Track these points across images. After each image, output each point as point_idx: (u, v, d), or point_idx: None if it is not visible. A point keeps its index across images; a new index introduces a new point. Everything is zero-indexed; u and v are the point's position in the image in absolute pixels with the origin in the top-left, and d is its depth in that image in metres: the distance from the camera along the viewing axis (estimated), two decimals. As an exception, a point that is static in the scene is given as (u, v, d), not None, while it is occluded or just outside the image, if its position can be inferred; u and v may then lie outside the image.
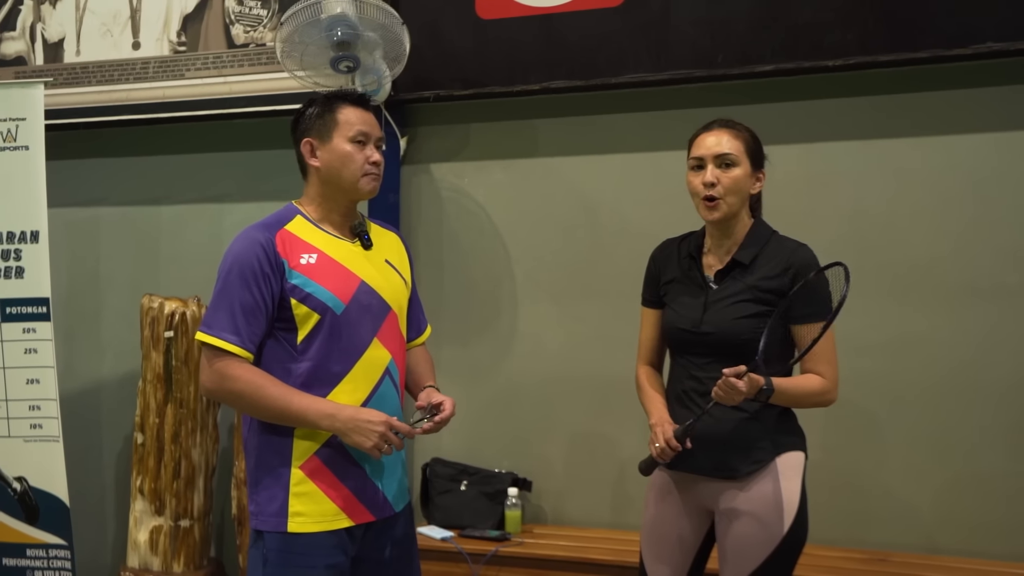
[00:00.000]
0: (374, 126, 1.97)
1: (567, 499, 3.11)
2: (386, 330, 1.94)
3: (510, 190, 3.16)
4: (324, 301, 1.86)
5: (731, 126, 1.98)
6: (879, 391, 2.81)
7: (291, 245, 1.89)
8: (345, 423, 1.82)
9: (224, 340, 1.83)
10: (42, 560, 3.18)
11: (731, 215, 1.96)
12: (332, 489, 1.88)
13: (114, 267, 3.61)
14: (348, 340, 1.88)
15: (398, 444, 1.86)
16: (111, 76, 3.46)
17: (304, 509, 1.87)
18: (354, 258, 1.94)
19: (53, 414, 3.12)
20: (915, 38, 2.66)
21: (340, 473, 1.89)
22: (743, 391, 1.79)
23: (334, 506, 1.88)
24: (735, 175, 1.94)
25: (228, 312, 1.84)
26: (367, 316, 1.91)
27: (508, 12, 3.04)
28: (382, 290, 1.95)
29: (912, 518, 2.78)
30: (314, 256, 1.89)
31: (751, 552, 1.89)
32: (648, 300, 2.13)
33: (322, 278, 1.88)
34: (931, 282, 2.77)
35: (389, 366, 1.94)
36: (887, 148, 2.80)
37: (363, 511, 1.91)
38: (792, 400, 1.91)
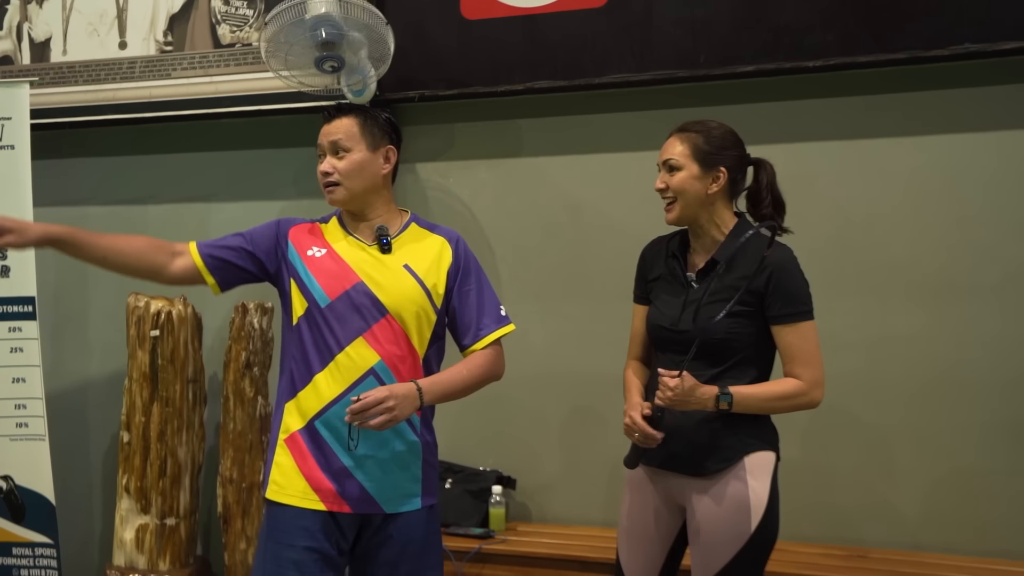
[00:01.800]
0: (329, 134, 2.05)
1: (552, 497, 3.13)
2: (378, 332, 1.97)
3: (495, 189, 3.18)
4: (312, 292, 2.00)
5: (683, 131, 2.00)
6: (860, 389, 2.83)
7: (307, 237, 2.07)
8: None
9: (194, 242, 2.07)
10: (28, 559, 3.19)
11: (689, 218, 1.99)
12: (307, 468, 1.98)
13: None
14: (328, 334, 1.97)
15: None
16: (98, 76, 3.47)
17: (279, 481, 2.00)
18: (364, 259, 2.03)
19: (39, 413, 3.13)
20: (894, 39, 2.69)
21: (317, 456, 1.97)
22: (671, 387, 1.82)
23: (305, 486, 1.96)
24: (679, 178, 1.97)
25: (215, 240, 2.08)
26: (354, 315, 1.97)
27: (492, 12, 3.06)
28: (382, 293, 1.99)
29: (893, 515, 2.81)
30: (323, 251, 2.04)
31: (720, 549, 1.91)
32: (637, 296, 2.16)
33: (318, 272, 2.01)
34: (911, 281, 2.80)
35: (376, 367, 1.96)
36: (867, 148, 2.83)
37: (337, 500, 1.96)
38: (761, 406, 1.92)
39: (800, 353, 1.91)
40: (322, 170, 2.04)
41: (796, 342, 1.91)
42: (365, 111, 2.08)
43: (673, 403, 1.86)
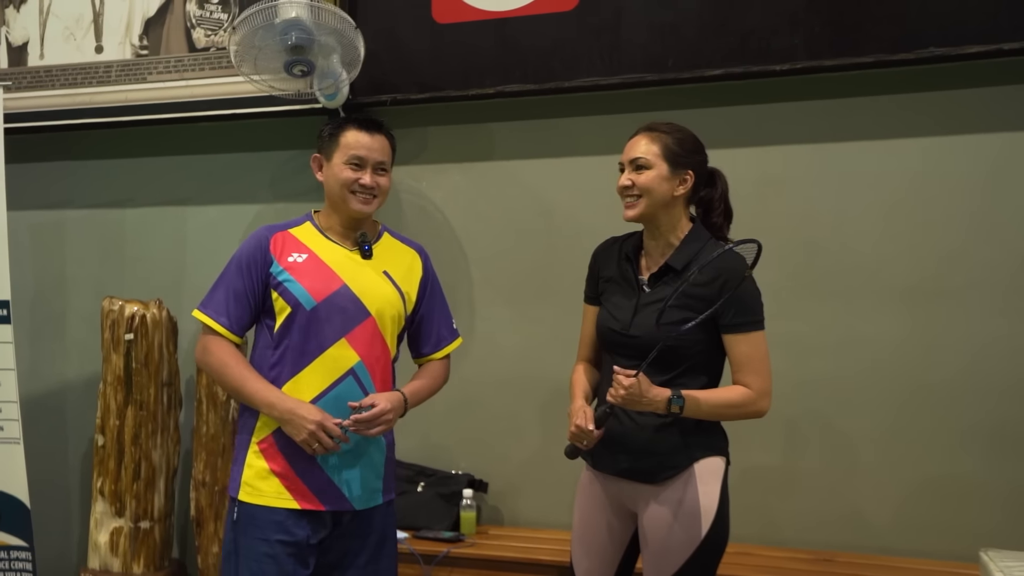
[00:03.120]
0: (374, 150, 2.10)
1: (523, 500, 3.13)
2: (359, 334, 2.06)
3: (467, 193, 3.19)
4: (296, 296, 2.04)
5: (652, 130, 2.00)
6: (827, 392, 2.84)
7: (286, 244, 2.10)
8: (282, 414, 2.00)
9: (213, 319, 2.08)
10: (3, 562, 3.19)
11: (650, 216, 1.98)
12: (280, 469, 2.04)
13: (79, 269, 3.63)
14: (314, 335, 2.04)
15: (329, 444, 1.98)
16: (74, 79, 3.48)
17: (254, 482, 2.06)
18: (346, 263, 2.10)
19: (14, 416, 3.13)
20: (860, 43, 2.70)
21: (291, 458, 2.04)
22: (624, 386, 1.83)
23: (279, 486, 2.03)
24: (647, 177, 1.96)
25: (223, 295, 2.09)
26: (339, 317, 2.04)
27: (464, 16, 3.06)
28: (365, 296, 2.07)
29: (861, 519, 2.81)
30: (304, 256, 2.09)
31: (671, 555, 1.91)
32: (588, 297, 2.16)
33: (302, 276, 2.06)
34: (878, 284, 2.80)
35: (356, 367, 2.06)
36: (835, 151, 2.83)
37: (311, 498, 2.04)
38: (711, 412, 1.92)
39: (750, 362, 1.91)
40: (367, 183, 2.09)
41: (747, 351, 1.91)
42: (392, 133, 2.19)
43: (625, 402, 1.86)
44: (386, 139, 2.15)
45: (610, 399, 1.89)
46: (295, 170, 3.31)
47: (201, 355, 2.10)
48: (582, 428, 1.92)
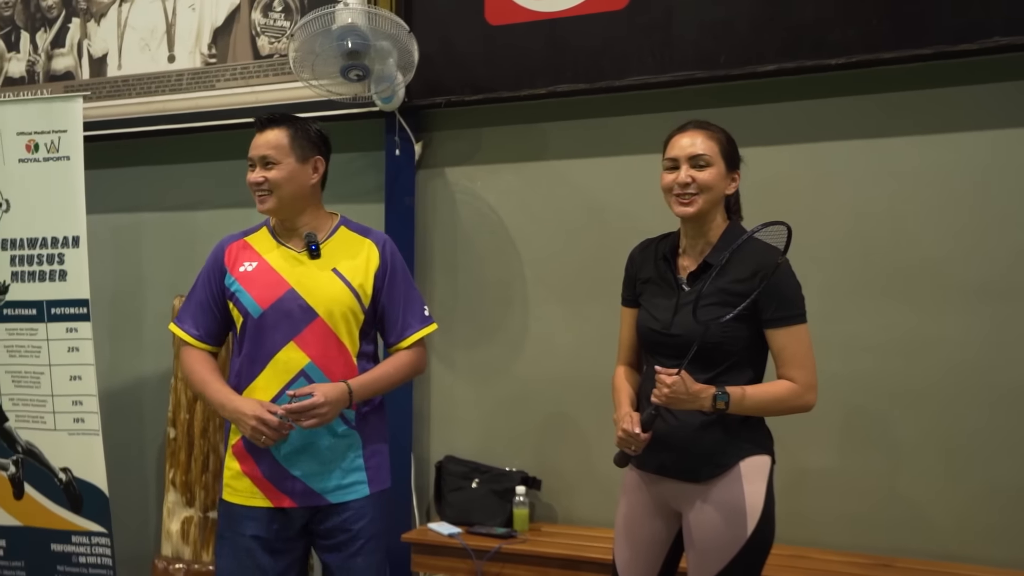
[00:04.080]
0: (258, 147, 2.15)
1: (577, 498, 3.14)
2: (308, 335, 2.10)
3: (520, 193, 3.21)
4: (246, 305, 2.13)
5: (705, 127, 2.00)
6: (886, 393, 2.76)
7: (239, 254, 2.19)
8: (230, 414, 2.11)
9: (183, 330, 2.22)
10: (85, 546, 3.36)
11: (704, 213, 1.97)
12: (250, 470, 2.15)
13: (155, 270, 3.80)
14: (263, 342, 2.12)
15: (271, 434, 2.04)
16: (149, 88, 3.65)
17: (231, 483, 2.18)
18: (292, 266, 2.14)
19: (94, 409, 3.29)
20: (919, 34, 2.61)
21: (257, 458, 2.14)
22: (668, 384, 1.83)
23: (251, 485, 2.14)
24: (709, 174, 1.96)
25: (191, 308, 2.23)
26: (286, 321, 2.10)
27: (516, 18, 3.09)
28: (311, 297, 2.11)
29: (922, 524, 2.73)
30: (254, 264, 2.16)
31: (715, 555, 1.90)
32: (626, 299, 2.16)
33: (250, 285, 2.14)
34: (939, 282, 2.71)
35: (307, 368, 2.11)
36: (892, 147, 2.75)
37: (279, 496, 2.13)
38: (756, 407, 1.90)
39: (794, 356, 1.89)
40: (252, 180, 2.16)
41: (790, 345, 1.89)
42: (295, 123, 2.19)
43: (669, 402, 1.85)
44: (278, 130, 2.15)
45: (655, 400, 1.88)
46: (355, 172, 3.39)
47: (180, 366, 2.23)
48: (629, 432, 1.91)
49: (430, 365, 3.31)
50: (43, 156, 3.30)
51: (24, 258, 3.31)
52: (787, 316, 1.90)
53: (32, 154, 3.30)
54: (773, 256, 1.91)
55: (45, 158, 3.30)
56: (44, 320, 3.29)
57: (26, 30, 3.87)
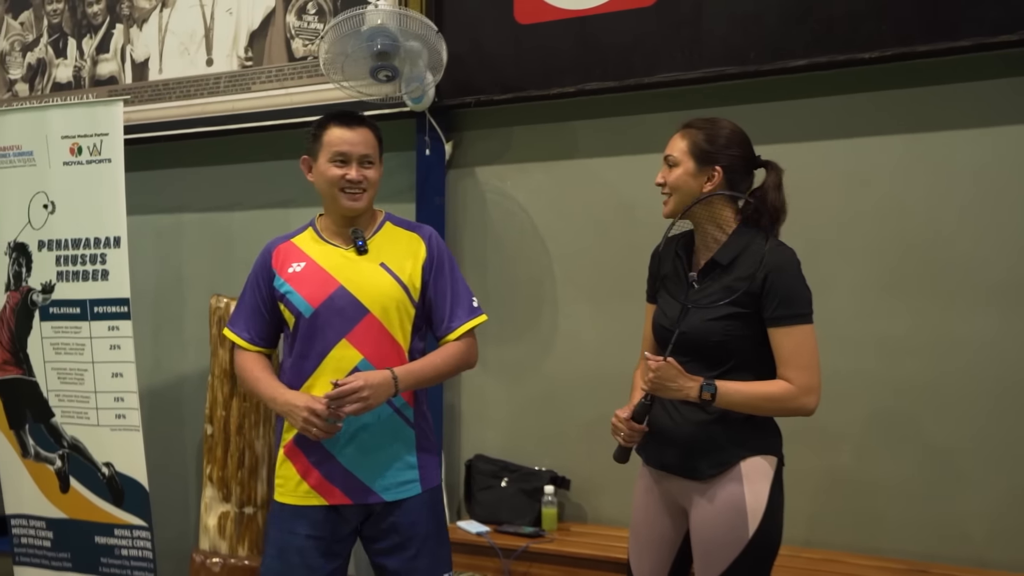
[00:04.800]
0: (357, 144, 2.11)
1: (606, 498, 3.12)
2: (360, 332, 2.09)
3: (550, 191, 3.21)
4: (297, 306, 2.12)
5: (687, 127, 2.01)
6: (922, 395, 2.70)
7: (286, 256, 2.18)
8: (281, 407, 2.10)
9: (235, 334, 2.23)
10: (127, 539, 3.44)
11: (678, 212, 1.98)
12: (304, 469, 2.14)
13: (195, 269, 3.88)
14: (316, 340, 2.11)
15: (322, 425, 2.01)
16: (188, 91, 3.72)
17: (282, 483, 2.18)
18: (341, 264, 2.13)
19: (134, 405, 3.36)
20: (955, 26, 2.55)
21: (312, 457, 2.13)
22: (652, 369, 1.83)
23: (305, 484, 2.14)
24: (675, 175, 1.98)
25: (242, 312, 2.23)
26: (338, 319, 2.09)
27: (545, 16, 3.09)
28: (362, 294, 2.10)
29: (957, 530, 2.66)
30: (302, 264, 2.15)
31: (718, 554, 1.88)
32: (649, 295, 2.16)
33: (300, 285, 2.12)
34: (977, 282, 2.64)
35: (360, 365, 2.09)
36: (929, 142, 2.68)
37: (337, 493, 2.11)
38: (746, 404, 1.86)
39: (793, 357, 1.85)
40: (352, 178, 2.11)
41: (790, 345, 1.85)
42: (375, 124, 2.19)
43: (655, 388, 1.86)
44: (369, 131, 2.14)
45: (643, 387, 1.89)
46: (386, 172, 3.32)
47: (234, 368, 2.26)
48: (619, 418, 1.92)
49: (461, 363, 3.32)
50: (86, 159, 3.38)
51: (68, 258, 3.40)
52: (788, 315, 1.86)
53: (76, 157, 3.38)
54: (778, 253, 1.89)
55: (88, 161, 3.38)
56: (87, 318, 3.38)
57: (73, 36, 3.98)
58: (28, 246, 3.43)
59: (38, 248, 3.41)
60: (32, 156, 3.42)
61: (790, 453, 2.00)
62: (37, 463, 3.47)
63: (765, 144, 2.75)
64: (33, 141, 3.41)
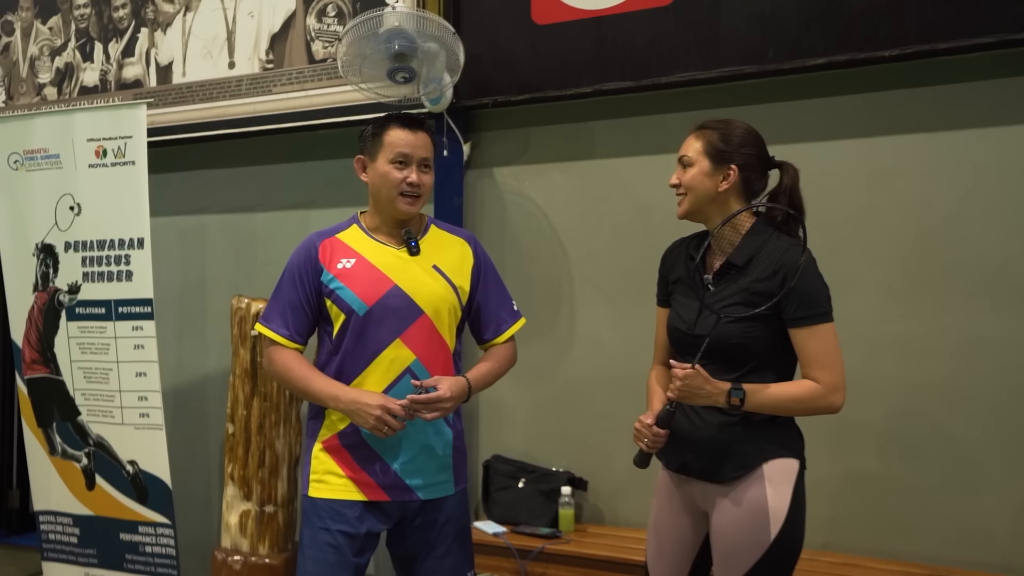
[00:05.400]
0: (418, 147, 2.11)
1: (624, 500, 3.11)
2: (413, 332, 2.09)
3: (568, 192, 3.20)
4: (349, 303, 2.08)
5: (702, 127, 1.99)
6: (946, 398, 2.66)
7: (334, 251, 2.13)
8: (347, 405, 2.04)
9: (273, 331, 2.15)
10: (151, 537, 3.49)
11: (694, 213, 1.98)
12: (345, 466, 2.12)
13: (217, 270, 3.91)
14: (370, 339, 2.08)
15: (396, 425, 2.01)
16: (211, 94, 3.76)
17: (323, 479, 2.14)
18: (395, 263, 2.12)
19: (157, 404, 3.41)
20: (979, 22, 2.50)
21: (356, 454, 2.11)
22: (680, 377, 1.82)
23: (346, 479, 2.12)
24: (690, 175, 1.96)
25: (279, 308, 2.16)
26: (392, 318, 2.07)
27: (562, 17, 3.08)
28: (416, 294, 2.09)
29: (980, 534, 2.61)
30: (352, 261, 2.11)
31: (738, 557, 1.86)
32: (660, 299, 2.14)
33: (352, 282, 2.09)
34: (1004, 283, 2.59)
35: (412, 365, 2.09)
36: (953, 140, 2.64)
37: (376, 489, 2.11)
38: (775, 406, 1.85)
39: (817, 356, 1.83)
40: (413, 181, 2.09)
41: (813, 345, 1.83)
42: (432, 129, 2.19)
43: (682, 396, 1.85)
44: (428, 136, 2.14)
45: (669, 394, 1.88)
46: (406, 173, 3.43)
47: (267, 366, 2.18)
48: (643, 424, 1.91)
49: (479, 364, 3.33)
50: (111, 161, 3.42)
51: (94, 259, 3.45)
52: (810, 315, 1.84)
53: (101, 159, 3.43)
54: (795, 253, 1.86)
55: (112, 163, 3.42)
56: (112, 319, 3.43)
57: (99, 41, 4.04)
58: (55, 247, 3.49)
59: (64, 249, 3.47)
60: (59, 159, 3.48)
61: (810, 455, 1.98)
62: (64, 460, 3.53)
63: (784, 143, 2.74)
64: (60, 144, 3.47)
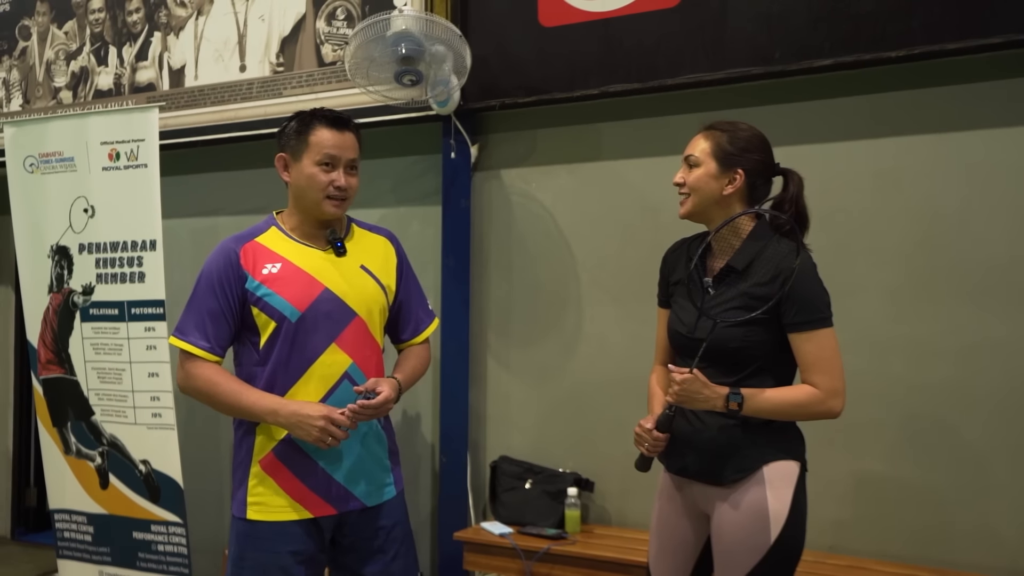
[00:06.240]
0: (346, 148, 2.01)
1: (631, 501, 3.11)
2: (348, 335, 2.01)
3: (575, 194, 3.20)
4: (280, 309, 1.96)
5: (710, 128, 1.98)
6: (953, 400, 2.64)
7: (256, 256, 2.00)
8: (287, 418, 1.92)
9: (192, 344, 1.99)
10: (163, 535, 3.52)
11: (697, 214, 1.97)
12: (287, 483, 1.99)
13: (230, 271, 3.94)
14: (304, 345, 1.97)
15: (340, 435, 1.94)
16: (222, 97, 3.79)
17: (261, 500, 2.00)
18: (323, 265, 2.02)
19: (169, 405, 3.45)
20: (986, 22, 2.48)
21: (295, 469, 1.99)
22: (678, 382, 1.81)
23: (288, 498, 1.99)
24: (696, 175, 1.95)
25: (197, 318, 1.99)
26: (326, 323, 1.98)
27: (568, 19, 3.09)
28: (347, 297, 2.01)
29: (988, 537, 2.59)
30: (278, 266, 1.99)
31: (738, 560, 1.86)
32: (661, 301, 2.14)
33: (281, 287, 1.97)
34: (1011, 284, 2.57)
35: (349, 370, 2.01)
36: (960, 141, 2.62)
37: (321, 504, 2.01)
38: (773, 411, 1.85)
39: (816, 361, 1.83)
40: (341, 185, 1.99)
41: (812, 350, 1.83)
42: (359, 128, 2.09)
43: (680, 399, 1.85)
44: (355, 136, 2.04)
45: (668, 398, 1.88)
46: (413, 175, 3.45)
47: (184, 381, 2.01)
48: (643, 428, 1.91)
49: (486, 365, 3.34)
50: (123, 164, 3.46)
51: (107, 261, 3.49)
52: (809, 320, 1.84)
53: (114, 162, 3.47)
54: (794, 259, 1.86)
55: (125, 166, 3.46)
56: (125, 320, 3.46)
57: (113, 45, 4.09)
58: (69, 249, 3.53)
59: (79, 251, 3.51)
60: (73, 162, 3.52)
61: (816, 457, 1.98)
62: (78, 460, 3.57)
63: (792, 145, 2.74)
64: (74, 147, 3.51)
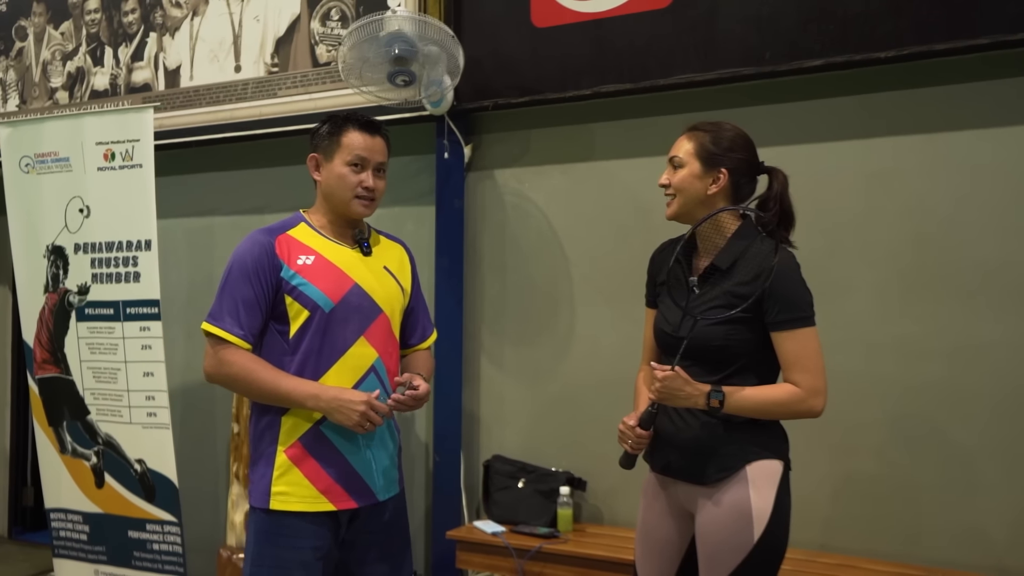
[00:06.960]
0: (375, 151, 2.08)
1: (623, 500, 3.12)
2: (375, 330, 2.07)
3: (568, 194, 3.22)
4: (314, 299, 2.01)
5: (693, 129, 1.99)
6: (944, 400, 2.65)
7: (290, 247, 2.05)
8: (328, 403, 1.97)
9: (226, 331, 2.02)
10: (158, 534, 3.53)
11: (683, 215, 1.98)
12: (313, 473, 2.01)
13: (225, 271, 3.96)
14: (335, 336, 2.03)
15: (378, 421, 1.99)
16: (217, 97, 3.81)
17: (286, 489, 2.01)
18: (351, 262, 2.08)
19: (164, 404, 3.45)
20: (975, 23, 2.50)
21: (322, 460, 2.02)
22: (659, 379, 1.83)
23: (314, 489, 2.01)
24: (680, 176, 1.97)
25: (231, 305, 2.03)
26: (356, 316, 2.05)
27: (561, 19, 3.10)
28: (375, 293, 2.08)
29: (976, 536, 2.60)
30: (311, 258, 2.04)
31: (722, 559, 1.87)
32: (648, 301, 2.15)
33: (316, 278, 2.02)
34: (1002, 285, 2.58)
35: (375, 364, 2.07)
36: (951, 141, 2.64)
37: (345, 497, 2.03)
38: (754, 409, 1.86)
39: (798, 360, 1.84)
40: (370, 186, 2.06)
41: (794, 349, 1.84)
42: (388, 133, 2.15)
43: (662, 397, 1.86)
44: (384, 141, 2.11)
45: (650, 396, 1.89)
46: (410, 175, 3.46)
47: (216, 368, 2.04)
48: (626, 425, 1.92)
49: (479, 365, 3.35)
50: (119, 164, 3.48)
51: (102, 260, 3.50)
52: (790, 319, 1.85)
53: (109, 162, 3.49)
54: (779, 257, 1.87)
55: (120, 166, 3.47)
56: (120, 319, 3.47)
57: (109, 45, 4.10)
58: (65, 249, 3.55)
59: (74, 251, 3.52)
60: (68, 162, 3.53)
61: (806, 456, 1.99)
62: (74, 459, 3.58)
63: (782, 145, 2.76)
64: (70, 147, 3.52)
